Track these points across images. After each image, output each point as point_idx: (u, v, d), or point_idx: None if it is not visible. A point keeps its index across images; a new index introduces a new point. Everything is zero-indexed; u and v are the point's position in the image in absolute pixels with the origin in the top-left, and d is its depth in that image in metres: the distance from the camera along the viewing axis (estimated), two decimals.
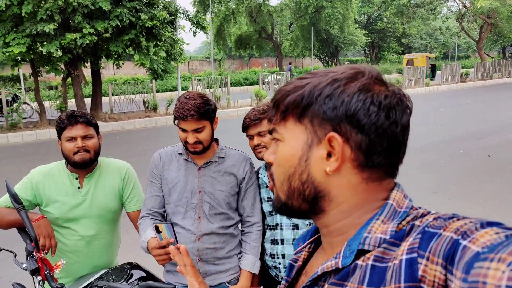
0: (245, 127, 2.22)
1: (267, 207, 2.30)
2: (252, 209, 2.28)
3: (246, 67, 46.91)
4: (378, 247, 0.68)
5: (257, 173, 2.37)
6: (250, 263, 2.21)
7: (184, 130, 2.04)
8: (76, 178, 2.30)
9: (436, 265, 0.58)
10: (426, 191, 6.25)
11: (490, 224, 0.58)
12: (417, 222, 0.67)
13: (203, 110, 1.99)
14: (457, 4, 35.34)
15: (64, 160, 2.33)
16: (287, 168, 0.75)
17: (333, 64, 40.31)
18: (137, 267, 2.27)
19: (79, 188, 2.29)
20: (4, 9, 10.84)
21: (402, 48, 47.57)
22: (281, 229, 2.24)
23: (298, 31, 37.80)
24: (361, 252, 0.70)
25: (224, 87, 17.77)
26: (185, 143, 2.07)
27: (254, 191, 2.28)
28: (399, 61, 45.94)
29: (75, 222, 2.29)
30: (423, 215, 0.69)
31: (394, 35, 44.32)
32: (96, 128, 2.33)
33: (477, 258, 0.52)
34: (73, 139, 2.20)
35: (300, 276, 0.86)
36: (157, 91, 20.86)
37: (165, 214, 2.26)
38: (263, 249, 2.36)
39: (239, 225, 2.32)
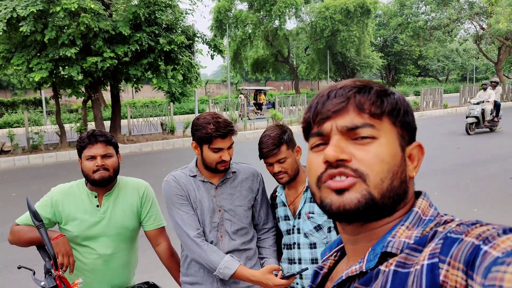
0: (264, 156, 2.19)
1: (284, 225, 2.28)
2: (267, 216, 2.32)
3: None
4: (402, 251, 0.68)
5: (275, 192, 2.36)
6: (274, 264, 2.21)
7: (218, 150, 2.06)
8: (95, 197, 2.32)
9: (458, 270, 0.58)
10: (444, 211, 6.12)
11: None
12: (440, 229, 0.68)
13: (233, 127, 2.09)
14: (474, 26, 35.28)
15: (84, 179, 2.35)
16: (393, 165, 0.74)
17: None
18: (154, 287, 2.25)
19: (98, 206, 2.31)
20: (28, 34, 11.17)
21: (419, 71, 47.44)
22: (299, 248, 2.21)
23: (314, 54, 38.07)
24: (384, 256, 0.71)
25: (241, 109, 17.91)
26: (217, 163, 2.09)
27: (266, 199, 2.34)
28: (416, 83, 45.80)
29: (93, 241, 2.30)
30: (446, 222, 0.70)
31: (411, 58, 44.24)
32: (116, 147, 2.35)
33: (495, 263, 0.52)
34: (93, 157, 2.23)
35: (325, 283, 0.87)
36: (175, 113, 21.11)
37: None
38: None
39: (256, 238, 2.32)
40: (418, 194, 0.80)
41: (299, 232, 2.22)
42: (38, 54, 11.75)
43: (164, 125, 16.00)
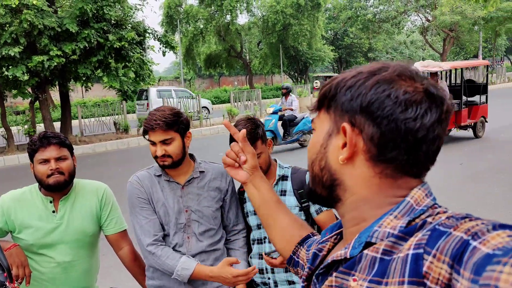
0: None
1: (254, 220, 2.24)
2: (237, 218, 2.26)
3: (217, 86, 46.99)
4: (386, 240, 0.70)
5: (242, 186, 2.30)
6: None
7: (153, 143, 1.99)
8: (51, 202, 2.19)
9: (443, 263, 0.58)
10: None
11: (503, 226, 0.58)
12: (429, 219, 0.68)
13: (170, 121, 1.97)
14: (421, 18, 36.53)
15: (37, 184, 2.22)
16: (311, 154, 0.82)
17: (302, 81, 40.78)
18: None
19: (54, 212, 2.18)
20: None
21: (368, 63, 48.58)
22: (269, 242, 2.17)
23: (266, 49, 38.17)
24: (369, 245, 0.72)
25: (196, 106, 17.72)
26: (155, 157, 2.02)
27: (236, 200, 2.26)
28: None
29: (51, 248, 2.17)
30: (437, 214, 0.69)
31: (361, 50, 45.26)
32: (70, 149, 2.23)
33: (489, 261, 0.52)
34: (46, 161, 2.10)
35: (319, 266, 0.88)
36: (128, 112, 20.61)
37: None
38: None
39: (224, 239, 2.26)
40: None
41: None
42: None
43: (118, 124, 15.59)
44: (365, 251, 0.71)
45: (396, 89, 0.71)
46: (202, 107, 18.76)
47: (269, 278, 2.19)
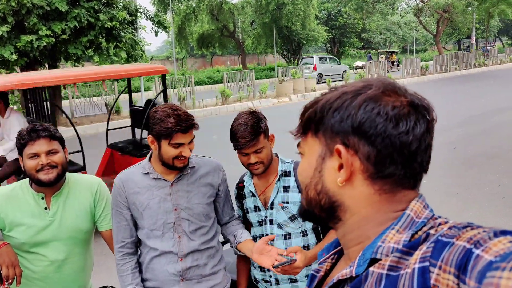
0: (241, 147, 1.99)
1: (255, 217, 2.18)
2: (232, 210, 2.26)
3: (209, 66, 46.53)
4: (390, 255, 0.69)
5: (242, 181, 2.24)
6: (248, 235, 2.16)
7: (178, 145, 1.89)
8: (42, 198, 2.11)
9: (449, 274, 0.58)
10: None
11: (504, 233, 0.58)
12: (432, 231, 0.68)
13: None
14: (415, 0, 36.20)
15: (27, 179, 2.13)
16: (304, 178, 0.81)
17: (296, 61, 40.51)
18: None
19: (46, 208, 2.10)
20: None
21: (362, 43, 48.36)
22: (271, 223, 2.13)
23: (260, 29, 37.71)
24: (374, 261, 0.71)
25: (189, 86, 17.50)
26: (174, 159, 1.92)
27: (229, 194, 2.23)
28: (360, 56, 46.72)
29: (43, 246, 2.10)
30: (439, 225, 0.70)
31: (355, 31, 44.88)
32: (61, 141, 2.14)
33: (489, 267, 0.52)
34: (36, 155, 2.01)
35: (321, 286, 0.87)
36: (120, 92, 20.37)
37: (138, 240, 2.13)
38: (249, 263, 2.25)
39: (219, 236, 2.22)
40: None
41: (272, 223, 2.12)
42: None
43: (109, 105, 15.38)
44: (371, 269, 0.70)
45: (384, 106, 0.71)
46: None
47: (270, 276, 2.14)
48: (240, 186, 2.25)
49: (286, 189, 2.09)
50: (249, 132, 1.95)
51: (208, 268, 2.08)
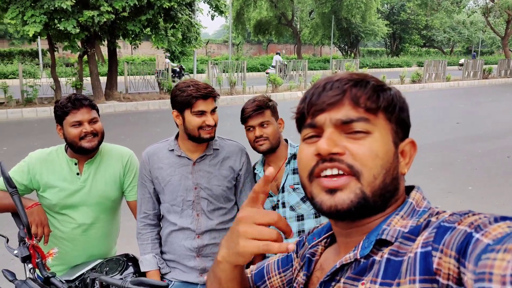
0: (246, 118, 2.08)
1: (268, 203, 2.20)
2: None
3: (264, 53, 46.54)
4: (396, 239, 0.70)
5: (253, 168, 2.25)
6: None
7: (201, 114, 1.93)
8: (75, 164, 2.20)
9: (450, 258, 0.59)
10: (442, 191, 6.07)
11: (504, 218, 0.59)
12: (433, 219, 0.69)
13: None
14: None
15: (63, 145, 2.23)
16: (386, 161, 0.74)
17: (352, 54, 39.73)
18: (133, 259, 2.17)
19: (78, 174, 2.20)
20: None
21: (424, 41, 46.69)
22: (283, 206, 2.16)
23: (318, 19, 37.24)
24: (379, 244, 0.72)
25: (240, 72, 17.60)
26: (200, 128, 1.95)
27: (251, 181, 2.20)
28: (420, 54, 45.17)
29: (73, 209, 2.20)
30: (438, 213, 0.71)
31: (417, 27, 43.35)
32: (98, 112, 2.22)
33: (485, 250, 0.53)
34: (79, 123, 2.09)
35: (313, 271, 0.86)
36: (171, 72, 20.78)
37: (161, 214, 2.19)
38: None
39: None
40: (410, 188, 0.81)
41: (284, 206, 2.14)
42: (33, 5, 11.35)
43: (162, 84, 15.75)
44: (376, 257, 0.71)
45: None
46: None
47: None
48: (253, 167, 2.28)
49: (295, 171, 2.12)
50: (256, 104, 2.06)
51: None
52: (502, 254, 0.50)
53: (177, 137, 2.12)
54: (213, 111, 1.98)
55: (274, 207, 2.17)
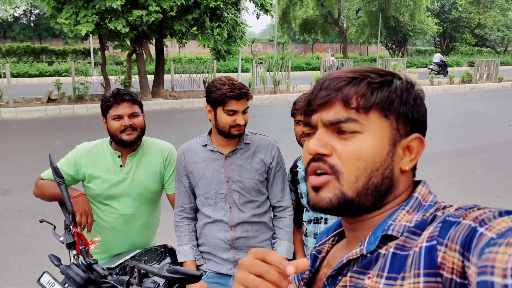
0: (296, 111, 2.10)
1: (306, 215, 2.21)
2: (282, 194, 2.23)
3: (310, 52, 46.24)
4: (402, 234, 0.70)
5: (295, 166, 2.26)
6: (286, 249, 2.18)
7: (233, 113, 2.00)
8: (119, 156, 2.30)
9: (454, 252, 0.59)
10: (489, 195, 5.85)
11: (508, 212, 0.59)
12: (439, 213, 0.69)
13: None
14: None
15: (108, 138, 2.34)
16: (372, 163, 0.74)
17: (400, 53, 38.80)
18: (171, 250, 2.25)
19: (121, 166, 2.30)
20: None
21: (476, 40, 44.93)
22: (326, 222, 2.14)
23: (365, 17, 36.59)
24: (385, 239, 0.72)
25: (285, 71, 17.58)
26: (231, 127, 2.02)
27: (282, 175, 2.23)
28: (472, 53, 43.52)
29: (115, 200, 2.30)
30: (445, 207, 0.71)
31: (468, 26, 41.67)
32: (141, 106, 2.32)
33: (488, 244, 0.54)
34: (119, 117, 2.20)
35: (321, 268, 0.86)
36: (219, 71, 21.06)
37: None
38: (300, 245, 2.28)
39: (271, 213, 2.26)
40: (417, 183, 0.81)
41: (326, 222, 2.14)
42: (86, 5, 11.82)
43: (207, 83, 15.98)
44: (381, 251, 0.71)
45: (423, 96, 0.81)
46: None
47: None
48: (294, 171, 2.28)
49: None
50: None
51: (258, 241, 2.15)
52: (504, 248, 0.51)
53: (210, 132, 2.18)
54: (245, 111, 2.04)
55: (315, 221, 2.18)
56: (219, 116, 2.02)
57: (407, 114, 0.76)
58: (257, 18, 15.15)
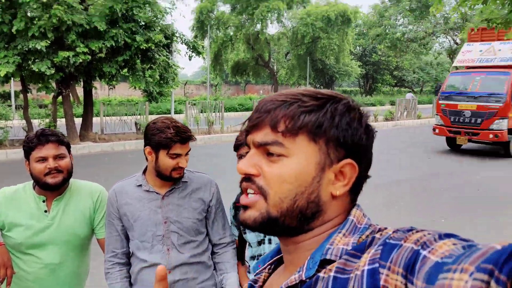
0: (239, 145, 2.06)
1: (253, 237, 2.17)
2: (223, 230, 2.18)
3: (242, 93, 47.05)
4: (340, 257, 0.69)
5: (237, 200, 2.22)
6: (235, 281, 2.11)
7: (176, 156, 1.93)
8: (43, 201, 2.13)
9: (397, 275, 0.59)
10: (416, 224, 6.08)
11: (448, 235, 0.61)
12: (377, 235, 0.70)
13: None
14: (449, 41, 36.02)
15: (31, 182, 2.16)
16: (297, 186, 0.74)
17: None
18: None
19: (46, 211, 2.12)
20: None
21: (395, 81, 48.10)
22: (270, 242, 2.11)
23: (294, 60, 38.18)
24: (324, 263, 0.71)
25: (219, 112, 17.70)
26: (173, 170, 1.95)
27: (222, 211, 2.18)
28: (392, 93, 46.40)
29: (40, 249, 2.11)
30: (380, 230, 0.72)
31: (388, 68, 44.75)
32: (68, 147, 2.18)
33: (441, 269, 0.54)
34: (44, 159, 2.04)
35: None
36: (151, 113, 20.74)
37: (130, 252, 2.12)
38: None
39: (210, 253, 2.18)
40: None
41: (270, 242, 2.11)
42: (6, 46, 11.30)
43: (138, 125, 15.67)
44: (320, 274, 0.70)
45: (365, 119, 0.79)
46: None
47: None
48: (237, 206, 2.23)
49: None
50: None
51: (197, 282, 2.06)
52: (459, 274, 0.51)
53: (144, 171, 2.08)
54: (187, 153, 1.99)
55: (260, 242, 2.14)
56: (162, 159, 1.94)
57: (339, 138, 0.74)
58: (190, 59, 15.27)
